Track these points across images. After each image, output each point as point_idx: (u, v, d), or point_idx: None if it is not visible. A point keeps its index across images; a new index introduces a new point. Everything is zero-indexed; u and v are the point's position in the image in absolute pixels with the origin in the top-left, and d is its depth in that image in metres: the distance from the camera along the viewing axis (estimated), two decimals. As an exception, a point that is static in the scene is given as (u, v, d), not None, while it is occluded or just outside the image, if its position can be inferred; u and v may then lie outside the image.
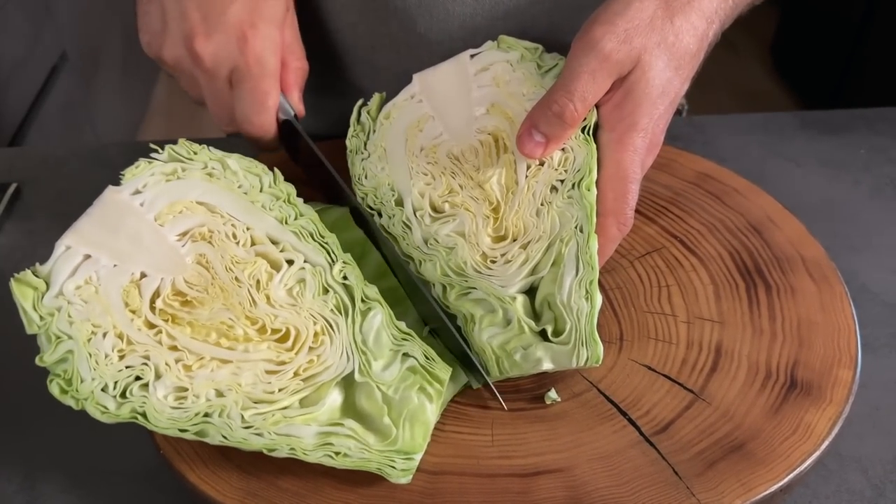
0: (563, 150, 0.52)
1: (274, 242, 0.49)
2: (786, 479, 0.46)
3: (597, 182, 0.51)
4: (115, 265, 0.47)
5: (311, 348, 0.46)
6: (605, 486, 0.46)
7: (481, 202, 0.53)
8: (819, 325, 0.54)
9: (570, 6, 0.71)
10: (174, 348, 0.45)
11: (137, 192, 0.49)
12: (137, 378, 0.45)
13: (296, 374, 0.46)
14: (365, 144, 0.58)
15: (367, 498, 0.45)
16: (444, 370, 0.47)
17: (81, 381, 0.45)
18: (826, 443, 0.48)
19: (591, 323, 0.49)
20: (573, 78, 0.50)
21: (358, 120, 0.59)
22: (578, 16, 0.72)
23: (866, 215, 0.70)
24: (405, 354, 0.47)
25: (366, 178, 0.57)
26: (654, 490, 0.45)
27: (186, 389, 0.45)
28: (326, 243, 0.49)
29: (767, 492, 0.45)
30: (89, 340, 0.45)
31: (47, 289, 0.46)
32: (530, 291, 0.52)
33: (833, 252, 0.60)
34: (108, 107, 1.94)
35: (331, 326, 0.47)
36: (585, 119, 0.52)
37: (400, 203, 0.55)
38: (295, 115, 0.58)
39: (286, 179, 0.51)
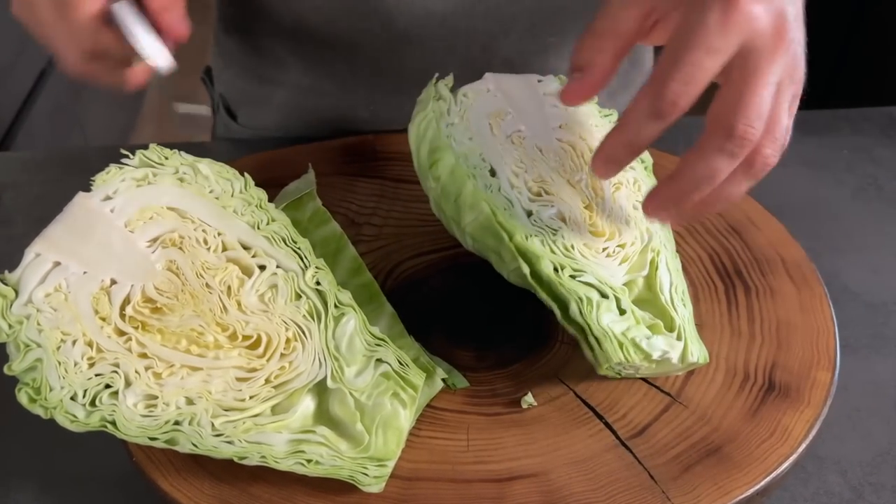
0: (634, 178, 0.55)
1: (245, 248, 0.48)
2: (762, 483, 0.46)
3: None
4: (84, 272, 0.46)
5: (282, 355, 0.46)
6: (580, 491, 0.45)
7: (575, 198, 0.53)
8: (798, 327, 0.54)
9: (551, 6, 0.71)
10: (144, 356, 0.45)
11: (108, 197, 0.49)
12: (107, 386, 0.45)
13: (267, 381, 0.45)
14: (448, 111, 0.55)
15: (341, 505, 0.45)
16: (418, 376, 0.47)
17: (50, 390, 0.44)
18: (803, 445, 0.48)
19: (692, 325, 0.51)
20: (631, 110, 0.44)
21: (435, 90, 0.56)
22: (557, 16, 0.72)
23: (849, 216, 0.70)
24: (378, 360, 0.47)
25: (455, 141, 0.54)
26: (630, 494, 0.45)
27: (156, 397, 0.45)
28: (299, 248, 0.48)
29: (744, 495, 0.45)
30: (58, 349, 0.44)
31: (16, 297, 0.45)
32: None
33: (814, 253, 0.60)
34: (98, 112, 1.93)
35: (303, 333, 0.46)
36: (644, 161, 0.57)
37: (494, 174, 0.52)
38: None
39: None
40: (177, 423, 0.44)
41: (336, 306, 0.47)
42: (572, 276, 0.49)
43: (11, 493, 0.50)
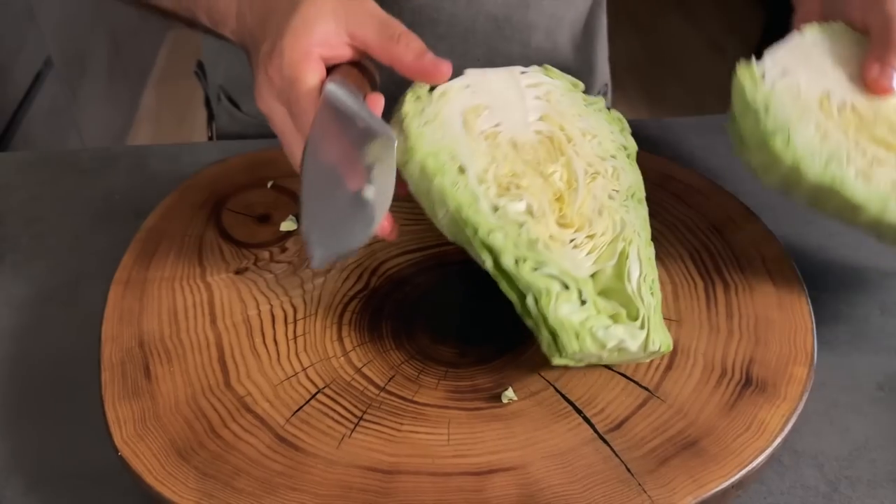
0: (614, 167, 0.55)
1: None
2: (737, 476, 0.46)
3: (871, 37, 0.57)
4: (808, 82, 0.57)
5: None
6: (557, 484, 0.46)
7: (546, 191, 0.53)
8: (776, 323, 0.55)
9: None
10: (858, 146, 0.55)
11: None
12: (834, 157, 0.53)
13: None
14: (422, 111, 0.55)
15: (322, 498, 0.46)
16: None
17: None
18: (779, 439, 0.48)
19: (659, 315, 0.51)
20: None
21: (413, 92, 0.57)
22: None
23: (831, 214, 0.70)
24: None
25: (425, 140, 0.54)
26: (607, 487, 0.46)
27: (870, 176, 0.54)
28: None
29: (719, 488, 0.46)
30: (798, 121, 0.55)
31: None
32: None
33: (795, 251, 0.60)
34: (94, 113, 1.94)
35: None
36: (628, 149, 0.57)
37: (462, 171, 0.53)
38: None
39: None
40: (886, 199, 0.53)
41: None
42: (534, 269, 0.50)
43: None
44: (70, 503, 0.51)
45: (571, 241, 0.52)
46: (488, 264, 0.51)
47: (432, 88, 0.58)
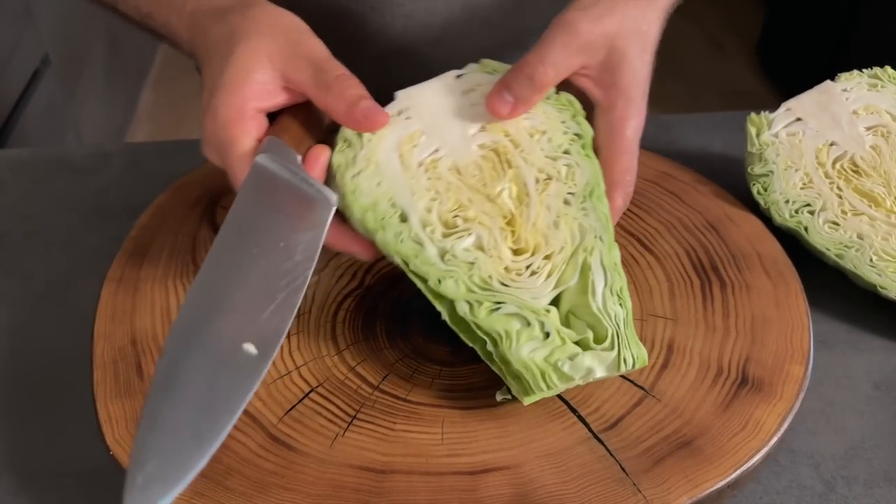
0: (567, 164, 0.53)
1: None
2: (733, 476, 0.46)
3: (601, 157, 0.53)
4: (816, 131, 0.65)
5: None
6: (551, 483, 0.46)
7: (495, 216, 0.51)
8: (773, 322, 0.55)
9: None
10: (840, 197, 0.62)
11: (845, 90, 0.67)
12: (807, 205, 0.61)
13: None
14: (354, 159, 0.52)
15: (315, 498, 0.45)
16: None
17: (769, 193, 0.63)
18: (774, 439, 0.48)
19: (630, 327, 0.48)
20: (546, 46, 0.52)
21: (342, 136, 0.54)
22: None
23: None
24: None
25: (361, 194, 0.51)
26: (601, 486, 0.46)
27: (838, 224, 0.60)
28: None
29: (714, 488, 0.46)
30: (785, 170, 0.63)
31: (768, 128, 0.65)
32: (554, 304, 0.50)
33: (792, 249, 0.60)
34: (92, 112, 1.93)
35: None
36: (583, 137, 0.54)
37: (405, 219, 0.51)
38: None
39: None
40: (847, 246, 0.59)
41: None
42: (491, 311, 0.48)
43: (-9, 488, 0.51)
44: (61, 502, 0.50)
45: (528, 267, 0.49)
46: (444, 315, 0.49)
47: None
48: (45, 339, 0.60)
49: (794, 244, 0.61)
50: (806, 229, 0.61)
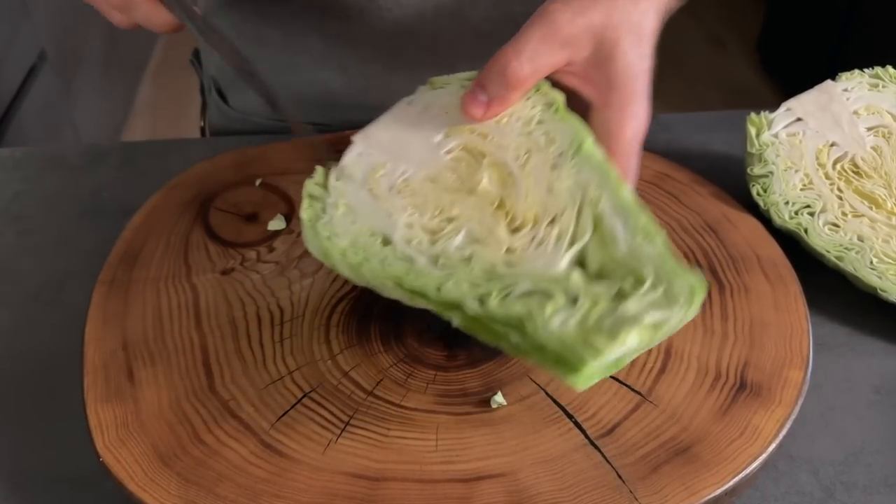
0: (545, 133, 0.50)
1: None
2: (731, 483, 0.46)
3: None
4: (817, 132, 0.65)
5: None
6: (547, 491, 0.45)
7: (482, 205, 0.49)
8: (771, 326, 0.54)
9: None
10: (840, 198, 0.62)
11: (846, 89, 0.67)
12: (807, 206, 0.61)
13: None
14: (323, 209, 0.51)
15: (307, 505, 0.45)
16: None
17: (770, 194, 0.62)
18: (773, 445, 0.47)
19: (669, 258, 0.43)
20: (523, 40, 0.49)
21: (306, 193, 0.52)
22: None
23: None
24: None
25: (337, 237, 0.49)
26: (597, 494, 0.45)
27: (839, 226, 0.60)
28: None
29: (711, 495, 0.45)
30: (785, 171, 0.63)
31: (769, 128, 0.65)
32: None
33: (791, 251, 0.59)
34: (89, 107, 1.93)
35: None
36: (553, 103, 0.51)
37: (388, 242, 0.48)
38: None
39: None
40: (847, 248, 0.59)
41: None
42: (504, 297, 0.44)
43: (-20, 493, 0.50)
44: (52, 508, 0.50)
45: (532, 239, 0.46)
46: (457, 321, 0.45)
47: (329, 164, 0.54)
48: (37, 341, 0.59)
49: (793, 246, 0.61)
50: (806, 231, 0.60)
